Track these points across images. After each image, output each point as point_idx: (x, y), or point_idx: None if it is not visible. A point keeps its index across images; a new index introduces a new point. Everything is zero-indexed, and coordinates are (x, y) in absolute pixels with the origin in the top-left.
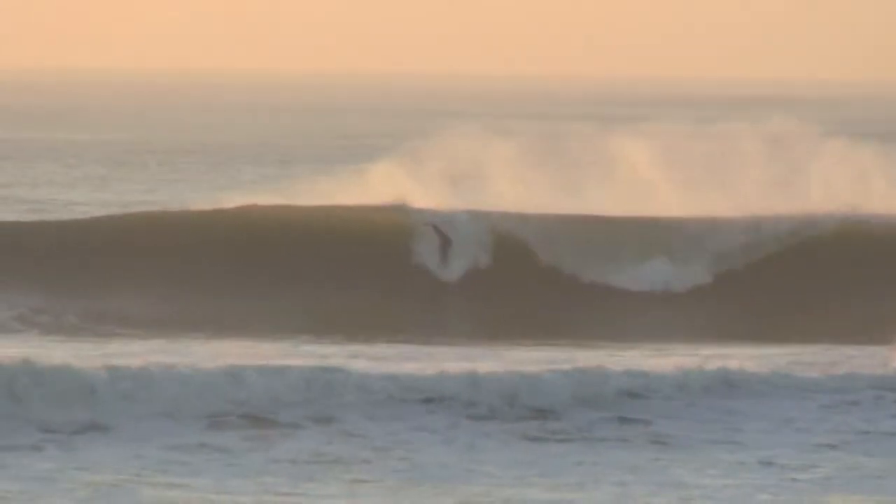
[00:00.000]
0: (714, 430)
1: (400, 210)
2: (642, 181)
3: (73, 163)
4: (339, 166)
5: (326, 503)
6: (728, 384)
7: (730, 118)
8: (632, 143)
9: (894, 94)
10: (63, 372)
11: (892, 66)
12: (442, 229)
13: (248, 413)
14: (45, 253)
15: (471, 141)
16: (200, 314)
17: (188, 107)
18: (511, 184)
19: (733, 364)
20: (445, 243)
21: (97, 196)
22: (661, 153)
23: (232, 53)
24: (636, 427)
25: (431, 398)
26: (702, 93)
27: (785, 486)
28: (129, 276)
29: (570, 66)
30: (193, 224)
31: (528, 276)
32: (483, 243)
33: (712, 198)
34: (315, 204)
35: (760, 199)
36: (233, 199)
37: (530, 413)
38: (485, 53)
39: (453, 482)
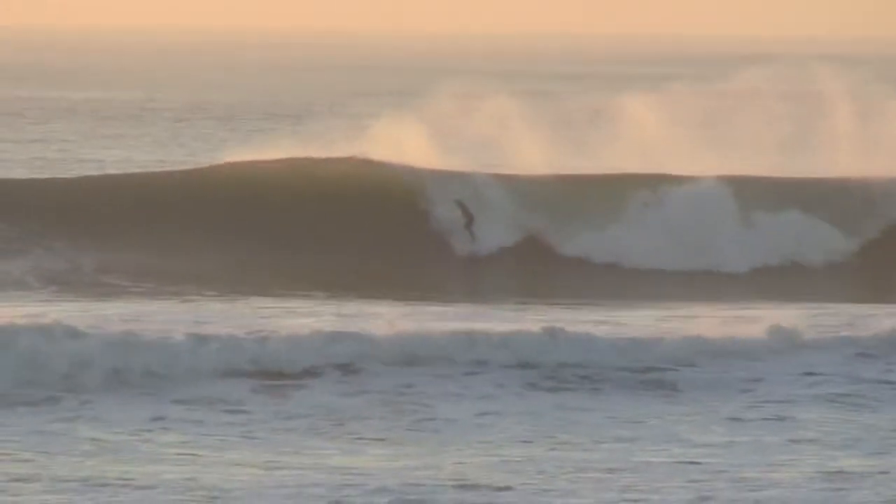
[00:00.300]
0: (734, 383)
1: (412, 171)
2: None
3: (88, 120)
4: (350, 123)
5: (325, 461)
6: (773, 343)
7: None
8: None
9: None
10: (83, 333)
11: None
12: (466, 205)
13: (264, 370)
14: (61, 210)
15: (481, 100)
16: (216, 271)
17: (205, 65)
18: (537, 144)
19: (786, 324)
20: (470, 220)
21: (112, 153)
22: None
23: (251, 12)
24: (657, 380)
25: (453, 354)
26: (713, 50)
27: (789, 445)
28: (143, 234)
29: (573, 25)
30: (207, 181)
31: (560, 243)
32: (513, 209)
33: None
34: (324, 158)
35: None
36: (233, 156)
37: (551, 363)
38: (506, 13)
39: (459, 439)
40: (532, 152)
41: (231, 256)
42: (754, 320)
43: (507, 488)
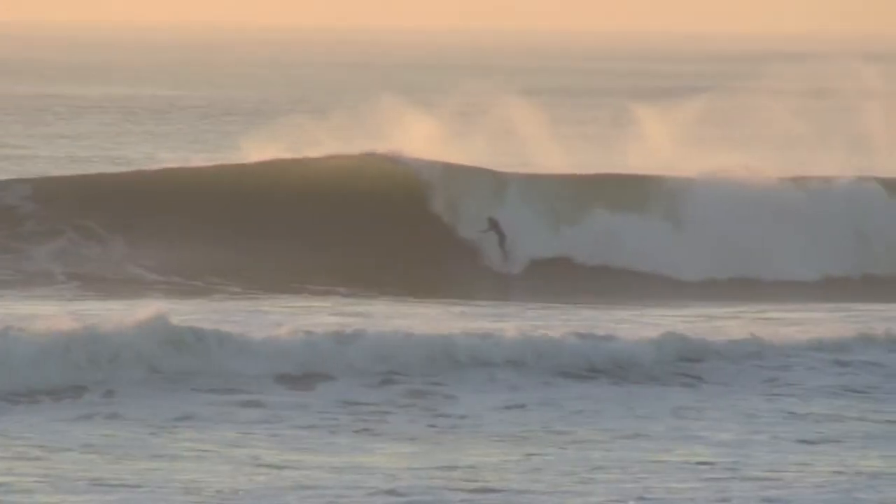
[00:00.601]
0: (759, 376)
1: (435, 169)
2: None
3: (115, 117)
4: (373, 119)
5: (340, 460)
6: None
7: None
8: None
9: None
10: (112, 327)
11: None
12: (498, 223)
13: (292, 369)
14: (88, 204)
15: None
16: (239, 267)
17: (228, 62)
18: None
19: (820, 324)
20: (503, 238)
21: (139, 149)
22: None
23: (271, 9)
24: (681, 373)
25: (482, 353)
26: (730, 49)
27: (800, 446)
28: (166, 230)
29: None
30: (233, 178)
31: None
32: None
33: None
34: (349, 156)
35: None
36: (259, 154)
37: (577, 360)
38: (535, 9)
39: (471, 440)
40: (561, 153)
41: (253, 252)
42: (788, 321)
43: (523, 492)
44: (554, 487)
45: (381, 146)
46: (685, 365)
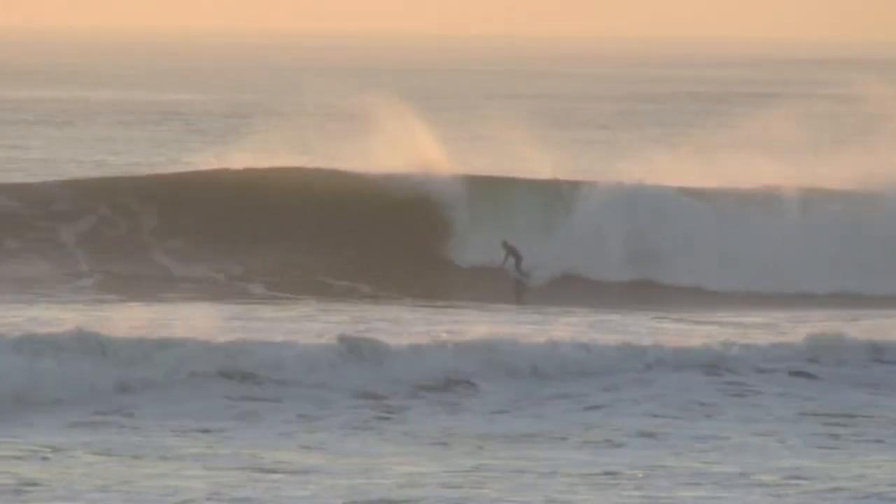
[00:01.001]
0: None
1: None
2: None
3: (122, 122)
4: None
5: (342, 462)
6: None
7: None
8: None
9: None
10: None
11: None
12: (513, 246)
13: (318, 373)
14: (119, 202)
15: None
16: (266, 270)
17: (225, 67)
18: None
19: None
20: (519, 260)
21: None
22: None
23: (259, 13)
24: (715, 378)
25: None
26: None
27: (816, 451)
28: (175, 236)
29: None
30: (249, 184)
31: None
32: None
33: None
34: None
35: None
36: (271, 162)
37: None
38: (558, 14)
39: (472, 448)
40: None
41: (278, 254)
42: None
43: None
44: (557, 491)
45: (396, 158)
46: (713, 366)
